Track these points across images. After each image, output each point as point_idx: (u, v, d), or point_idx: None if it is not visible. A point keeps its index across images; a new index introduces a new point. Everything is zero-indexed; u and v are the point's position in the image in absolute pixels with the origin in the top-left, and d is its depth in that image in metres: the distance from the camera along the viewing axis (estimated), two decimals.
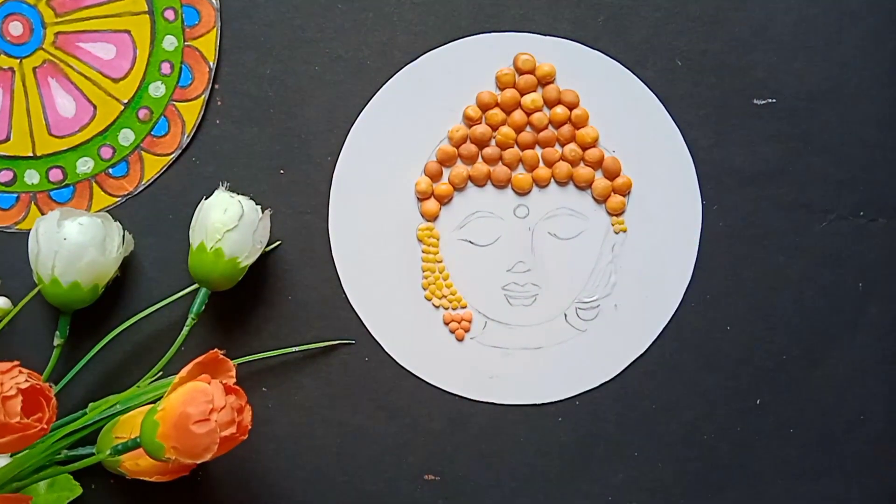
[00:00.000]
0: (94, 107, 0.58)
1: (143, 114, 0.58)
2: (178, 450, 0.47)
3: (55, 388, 0.50)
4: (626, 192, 0.59)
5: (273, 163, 0.58)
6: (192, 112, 0.58)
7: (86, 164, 0.58)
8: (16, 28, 0.57)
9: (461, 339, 0.59)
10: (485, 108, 0.58)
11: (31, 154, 0.58)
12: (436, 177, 0.59)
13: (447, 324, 0.59)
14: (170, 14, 0.57)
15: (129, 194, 0.58)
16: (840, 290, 0.59)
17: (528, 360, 0.59)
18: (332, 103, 0.58)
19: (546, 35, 0.58)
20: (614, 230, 0.59)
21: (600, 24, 0.58)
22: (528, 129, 0.59)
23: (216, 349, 0.50)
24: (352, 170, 0.58)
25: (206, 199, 0.55)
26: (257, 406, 0.56)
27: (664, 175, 0.59)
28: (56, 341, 0.56)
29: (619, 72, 0.58)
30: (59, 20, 0.57)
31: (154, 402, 0.53)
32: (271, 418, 0.59)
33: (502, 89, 0.58)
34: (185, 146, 0.58)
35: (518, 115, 0.58)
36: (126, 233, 0.57)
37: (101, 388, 0.58)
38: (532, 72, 0.58)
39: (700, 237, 0.59)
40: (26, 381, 0.46)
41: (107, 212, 0.58)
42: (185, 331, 0.55)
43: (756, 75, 0.58)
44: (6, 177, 0.58)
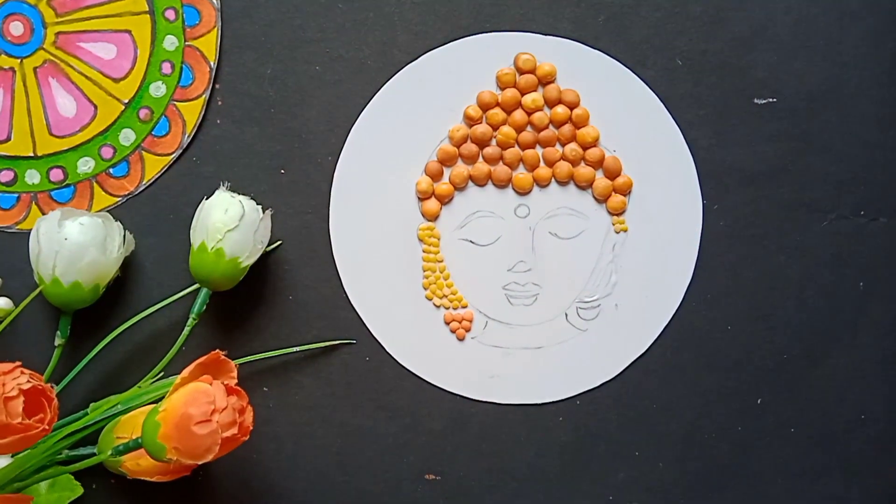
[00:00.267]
0: (95, 107, 0.58)
1: (143, 114, 0.58)
2: (179, 450, 0.47)
3: (56, 388, 0.50)
4: (626, 191, 0.59)
5: (274, 163, 0.58)
6: (192, 112, 0.58)
7: (86, 164, 0.58)
8: (16, 28, 0.57)
9: (462, 339, 0.59)
10: (485, 107, 0.58)
11: (31, 154, 0.58)
12: (436, 176, 0.59)
13: (448, 323, 0.59)
14: (170, 14, 0.57)
15: (129, 194, 0.58)
16: (841, 290, 0.59)
17: (529, 360, 0.59)
18: (333, 103, 0.58)
19: (547, 35, 0.58)
20: (615, 230, 0.59)
21: (601, 24, 0.58)
22: (529, 128, 0.59)
23: (217, 350, 0.50)
24: (352, 169, 0.58)
25: (206, 198, 0.55)
26: (258, 406, 0.56)
27: (665, 175, 0.59)
28: (57, 341, 0.56)
29: (620, 71, 0.58)
30: (60, 20, 0.57)
31: (155, 402, 0.53)
32: (272, 418, 0.59)
33: (503, 89, 0.58)
34: (185, 146, 0.58)
35: (519, 115, 0.58)
36: (127, 233, 0.57)
37: (103, 389, 0.58)
38: (533, 71, 0.58)
39: (701, 237, 0.59)
40: (28, 381, 0.46)
41: (108, 212, 0.58)
42: (186, 331, 0.55)
43: (756, 75, 0.58)
44: (7, 177, 0.58)
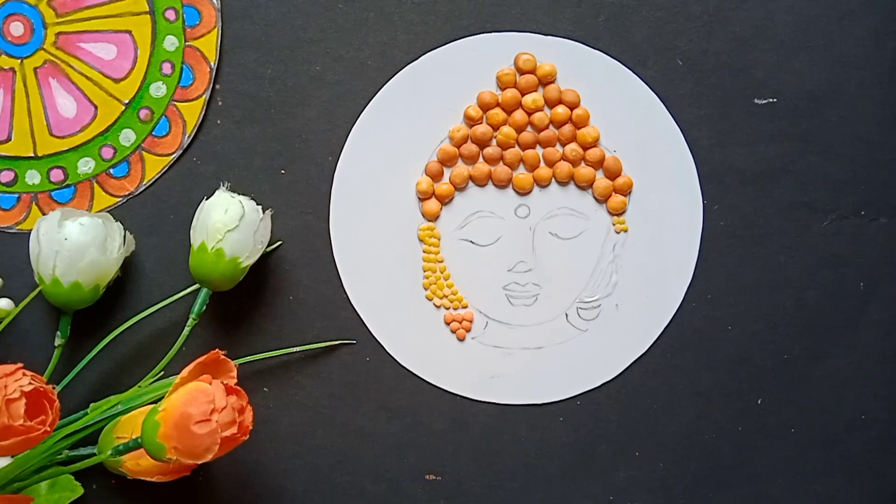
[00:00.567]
0: (95, 107, 0.58)
1: (144, 114, 0.58)
2: (179, 450, 0.47)
3: (56, 388, 0.50)
4: (626, 191, 0.59)
5: (274, 163, 0.58)
6: (193, 112, 0.58)
7: (87, 165, 0.58)
8: (17, 28, 0.57)
9: (462, 339, 0.59)
10: (486, 107, 0.58)
11: (32, 154, 0.58)
12: (437, 177, 0.59)
13: (448, 324, 0.59)
14: (171, 14, 0.57)
15: (130, 194, 0.58)
16: (841, 290, 0.59)
17: (529, 360, 0.59)
18: (333, 103, 0.58)
19: (547, 35, 0.58)
20: (615, 230, 0.59)
21: (601, 24, 0.58)
22: (529, 128, 0.59)
23: (217, 349, 0.50)
24: (353, 170, 0.58)
25: (207, 199, 0.55)
26: (258, 406, 0.56)
27: (665, 175, 0.59)
28: (57, 341, 0.56)
29: (620, 71, 0.58)
30: (60, 20, 0.57)
31: (155, 402, 0.53)
32: (272, 418, 0.59)
33: (503, 89, 0.58)
34: (186, 146, 0.58)
35: (519, 115, 0.58)
36: (127, 233, 0.57)
37: (103, 389, 0.58)
38: (533, 71, 0.58)
39: (701, 237, 0.59)
40: (30, 383, 0.46)
41: (108, 212, 0.58)
42: (186, 331, 0.55)
43: (757, 75, 0.58)
44: (7, 177, 0.58)
